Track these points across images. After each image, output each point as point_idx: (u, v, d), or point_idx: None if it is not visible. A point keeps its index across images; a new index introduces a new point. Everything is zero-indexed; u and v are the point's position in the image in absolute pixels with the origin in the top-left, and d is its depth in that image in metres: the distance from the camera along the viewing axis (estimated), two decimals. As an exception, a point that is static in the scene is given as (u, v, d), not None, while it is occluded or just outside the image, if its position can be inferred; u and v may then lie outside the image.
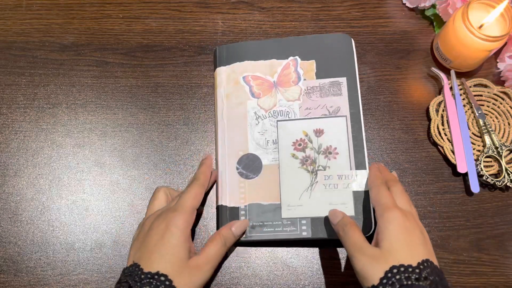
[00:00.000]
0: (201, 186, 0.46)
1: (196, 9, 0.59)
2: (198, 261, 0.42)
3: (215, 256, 0.43)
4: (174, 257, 0.40)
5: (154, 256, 0.40)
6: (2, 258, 0.49)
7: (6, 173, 0.52)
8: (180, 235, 0.41)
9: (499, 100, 0.55)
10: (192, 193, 0.45)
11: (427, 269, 0.36)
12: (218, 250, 0.44)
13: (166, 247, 0.40)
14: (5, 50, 0.56)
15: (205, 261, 0.42)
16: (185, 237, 0.42)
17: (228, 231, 0.46)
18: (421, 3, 0.57)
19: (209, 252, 0.43)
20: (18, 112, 0.54)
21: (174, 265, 0.40)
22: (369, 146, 0.53)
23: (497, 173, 0.52)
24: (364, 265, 0.38)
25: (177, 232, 0.41)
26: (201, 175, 0.47)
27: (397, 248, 0.38)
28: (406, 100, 0.56)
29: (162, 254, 0.40)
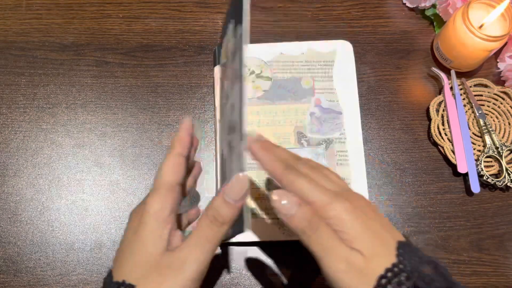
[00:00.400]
0: (177, 155, 0.35)
1: (196, 9, 0.59)
2: (172, 257, 0.32)
3: (201, 246, 0.32)
4: (142, 255, 0.32)
5: (123, 259, 0.32)
6: (2, 258, 0.49)
7: (6, 173, 0.52)
8: (153, 222, 0.32)
9: (499, 100, 0.55)
10: (166, 165, 0.35)
11: (405, 256, 0.30)
12: (205, 236, 0.32)
13: (137, 244, 0.32)
14: (5, 50, 0.56)
15: (182, 257, 0.31)
16: (160, 223, 0.32)
17: (218, 201, 0.32)
18: (421, 3, 0.57)
19: (189, 243, 0.32)
20: (17, 112, 0.54)
21: (142, 266, 0.31)
22: (369, 146, 0.53)
23: (497, 173, 0.52)
24: (350, 283, 0.30)
25: (149, 219, 0.32)
26: (176, 142, 0.36)
27: (372, 248, 0.30)
28: (406, 100, 0.56)
29: (131, 254, 0.32)
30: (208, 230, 0.32)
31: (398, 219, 0.51)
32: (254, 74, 0.54)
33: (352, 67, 0.55)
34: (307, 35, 0.58)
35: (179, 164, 0.35)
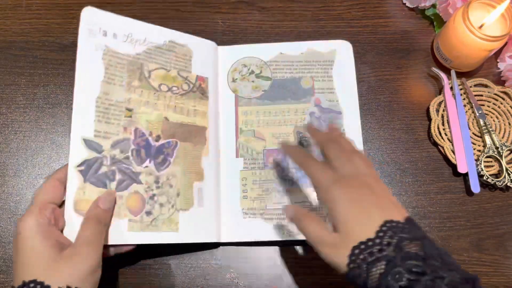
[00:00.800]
0: (53, 179, 0.42)
1: (196, 9, 0.59)
2: (73, 249, 0.38)
3: (92, 236, 0.39)
4: (37, 258, 0.37)
5: (17, 269, 0.37)
6: (2, 258, 0.49)
7: (6, 173, 0.52)
8: (34, 235, 0.37)
9: (499, 100, 0.55)
10: (42, 187, 0.41)
11: (388, 233, 0.33)
12: (93, 230, 0.40)
13: (25, 253, 0.37)
14: (5, 50, 0.56)
15: (81, 245, 0.38)
16: (43, 235, 0.38)
17: (95, 208, 0.42)
18: (421, 3, 0.57)
19: (83, 235, 0.39)
20: (17, 112, 0.54)
21: (41, 265, 0.37)
22: (369, 146, 0.53)
23: (497, 173, 0.52)
24: (329, 256, 0.35)
25: (29, 233, 0.38)
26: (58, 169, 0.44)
27: (352, 226, 0.35)
28: (406, 100, 0.56)
29: (23, 262, 0.37)
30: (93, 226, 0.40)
31: (398, 219, 0.51)
32: (253, 74, 0.54)
33: (352, 67, 0.55)
34: (307, 35, 0.58)
35: (53, 186, 0.41)
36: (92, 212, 0.42)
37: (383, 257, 0.32)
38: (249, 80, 0.54)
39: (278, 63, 0.55)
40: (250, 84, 0.54)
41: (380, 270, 0.32)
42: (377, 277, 0.32)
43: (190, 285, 0.48)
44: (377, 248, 0.33)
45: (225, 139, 0.52)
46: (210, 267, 0.49)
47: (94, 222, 0.41)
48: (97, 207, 0.42)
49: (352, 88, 0.54)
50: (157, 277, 0.48)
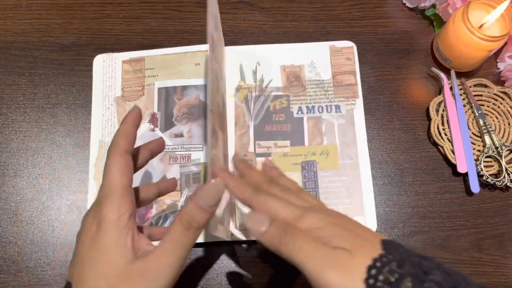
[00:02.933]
0: (122, 154, 0.32)
1: (196, 9, 0.59)
2: (145, 265, 0.30)
3: (174, 251, 0.31)
4: (108, 266, 0.30)
5: (85, 270, 0.30)
6: (2, 258, 0.49)
7: (6, 173, 0.52)
8: (113, 230, 0.30)
9: (499, 100, 0.55)
10: (113, 167, 0.32)
11: (392, 250, 0.28)
12: (176, 241, 0.31)
13: (99, 254, 0.30)
14: (5, 50, 0.56)
15: (156, 264, 0.30)
16: (121, 231, 0.30)
17: (192, 207, 0.31)
18: (421, 3, 0.57)
19: (163, 249, 0.31)
20: (18, 112, 0.54)
21: (109, 277, 0.29)
22: (369, 146, 0.53)
23: (497, 173, 0.52)
24: (334, 282, 0.27)
25: (108, 228, 0.30)
26: (120, 138, 0.33)
27: (356, 243, 0.29)
28: (406, 100, 0.56)
29: (93, 266, 0.30)
30: (181, 236, 0.31)
31: (398, 219, 0.51)
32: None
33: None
34: (307, 35, 0.58)
35: (126, 164, 0.32)
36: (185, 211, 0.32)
37: (406, 273, 0.26)
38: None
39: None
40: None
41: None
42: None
43: (190, 285, 0.48)
44: (395, 264, 0.27)
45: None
46: (211, 267, 0.49)
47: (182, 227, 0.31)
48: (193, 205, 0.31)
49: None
50: (157, 277, 0.48)
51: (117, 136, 0.33)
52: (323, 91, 0.54)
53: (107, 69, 0.54)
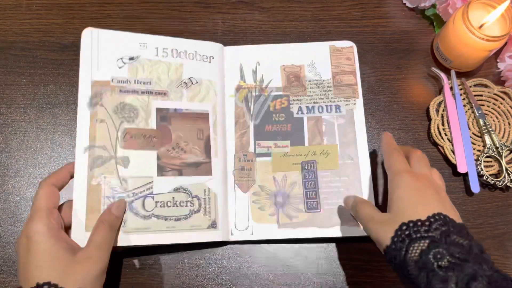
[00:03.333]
0: (49, 184, 0.42)
1: (196, 9, 0.59)
2: (86, 253, 0.40)
3: (104, 242, 0.41)
4: (52, 261, 0.38)
5: (30, 271, 0.38)
6: (2, 258, 0.49)
7: (6, 173, 0.52)
8: (48, 239, 0.39)
9: (499, 100, 0.55)
10: (42, 193, 0.42)
11: (438, 221, 0.35)
12: (105, 235, 0.41)
13: (38, 256, 0.38)
14: (5, 50, 0.56)
15: (94, 250, 0.40)
16: (55, 238, 0.39)
17: (108, 214, 0.44)
18: (421, 3, 0.57)
19: (96, 240, 0.41)
20: (18, 112, 0.54)
21: (56, 267, 0.38)
22: (369, 146, 0.53)
23: (497, 173, 0.52)
24: (376, 231, 0.38)
25: (42, 238, 0.38)
26: (52, 175, 0.44)
27: (406, 207, 0.37)
28: (406, 100, 0.56)
29: (36, 265, 0.38)
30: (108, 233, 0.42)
31: (398, 219, 0.51)
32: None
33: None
34: (307, 35, 0.58)
35: (53, 192, 0.42)
36: (105, 217, 0.43)
37: (428, 236, 0.34)
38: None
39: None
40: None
41: (422, 246, 0.33)
42: (417, 252, 0.33)
43: (190, 285, 0.48)
44: (425, 229, 0.34)
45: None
46: (211, 267, 0.49)
47: (106, 227, 0.42)
48: (110, 213, 0.44)
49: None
50: (157, 277, 0.48)
51: (53, 174, 0.44)
52: (323, 91, 0.54)
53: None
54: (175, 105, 0.51)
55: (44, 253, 0.38)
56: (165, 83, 0.51)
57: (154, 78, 0.51)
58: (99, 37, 0.50)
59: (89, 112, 0.47)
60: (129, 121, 0.48)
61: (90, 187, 0.45)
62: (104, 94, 0.48)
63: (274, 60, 0.55)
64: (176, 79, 0.52)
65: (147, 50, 0.51)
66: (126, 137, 0.48)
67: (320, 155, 0.52)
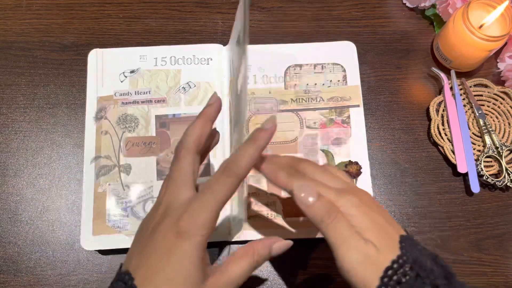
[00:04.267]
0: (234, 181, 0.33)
1: (196, 9, 0.59)
2: (217, 284, 0.32)
3: (239, 279, 0.33)
4: (185, 283, 0.30)
5: (157, 278, 0.30)
6: (2, 258, 0.49)
7: (6, 173, 0.52)
8: (195, 254, 0.31)
9: (499, 100, 0.55)
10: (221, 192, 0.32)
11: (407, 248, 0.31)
12: (245, 272, 0.33)
13: (175, 269, 0.30)
14: (5, 50, 0.56)
15: (226, 284, 0.32)
16: (201, 254, 0.31)
17: (265, 250, 0.34)
18: (421, 3, 0.57)
19: (233, 272, 0.33)
20: (18, 112, 0.54)
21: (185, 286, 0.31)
22: (369, 146, 0.53)
23: (497, 173, 0.52)
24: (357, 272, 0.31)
25: (192, 250, 0.31)
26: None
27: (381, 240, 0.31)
28: (406, 100, 0.56)
29: (169, 277, 0.30)
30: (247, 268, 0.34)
31: (398, 219, 0.51)
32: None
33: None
34: (307, 35, 0.58)
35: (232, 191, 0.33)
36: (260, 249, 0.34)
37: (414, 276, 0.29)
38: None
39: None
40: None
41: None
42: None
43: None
44: (408, 266, 0.30)
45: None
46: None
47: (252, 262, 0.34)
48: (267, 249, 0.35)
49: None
50: (157, 277, 0.48)
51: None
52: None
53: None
54: (173, 111, 0.52)
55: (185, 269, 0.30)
56: (164, 91, 0.53)
57: (153, 87, 0.53)
58: (103, 57, 0.54)
59: (95, 126, 0.51)
60: (130, 131, 0.51)
61: (96, 194, 0.49)
62: (108, 108, 0.52)
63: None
64: (175, 85, 0.53)
65: (146, 61, 0.54)
66: (127, 146, 0.51)
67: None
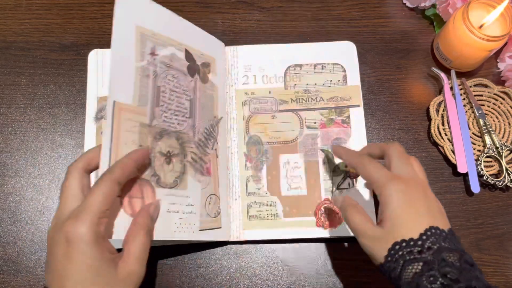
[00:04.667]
0: (114, 182, 0.35)
1: (196, 9, 0.59)
2: (127, 267, 0.35)
3: (143, 251, 0.36)
4: (93, 277, 0.33)
5: (69, 282, 0.32)
6: (2, 258, 0.49)
7: (6, 173, 0.52)
8: (93, 250, 0.33)
9: (499, 100, 0.55)
10: (101, 192, 0.34)
11: (430, 238, 0.35)
12: (144, 243, 0.36)
13: (80, 268, 0.32)
14: (5, 50, 0.56)
15: (134, 263, 0.35)
16: (101, 249, 0.33)
17: (146, 218, 0.38)
18: (421, 3, 0.57)
19: (135, 251, 0.35)
20: (18, 112, 0.54)
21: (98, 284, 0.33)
22: (369, 146, 0.53)
23: (497, 173, 0.52)
24: (369, 248, 0.37)
25: (87, 248, 0.32)
26: (117, 168, 0.36)
27: (399, 223, 0.36)
28: (406, 100, 0.56)
29: (77, 279, 0.32)
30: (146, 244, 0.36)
31: (398, 219, 0.51)
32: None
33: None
34: (307, 35, 0.58)
35: (113, 193, 0.35)
36: (143, 222, 0.37)
37: (421, 258, 0.34)
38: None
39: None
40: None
41: (416, 269, 0.33)
42: (411, 275, 0.33)
43: (190, 285, 0.48)
44: (418, 249, 0.34)
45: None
46: (210, 267, 0.49)
47: (145, 234, 0.37)
48: (148, 217, 0.38)
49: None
50: (157, 277, 0.48)
51: (116, 165, 0.37)
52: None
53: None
54: None
55: (87, 267, 0.32)
56: None
57: None
58: (104, 57, 0.54)
59: (95, 126, 0.52)
60: None
61: None
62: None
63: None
64: None
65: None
66: None
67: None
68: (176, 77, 0.47)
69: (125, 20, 0.45)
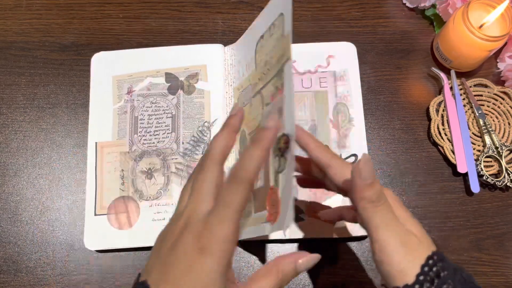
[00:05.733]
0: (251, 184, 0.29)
1: (196, 9, 0.59)
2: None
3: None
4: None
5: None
6: (2, 258, 0.49)
7: (6, 173, 0.52)
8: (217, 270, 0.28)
9: (499, 100, 0.55)
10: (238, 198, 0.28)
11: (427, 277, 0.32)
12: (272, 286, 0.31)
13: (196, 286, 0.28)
14: (5, 50, 0.56)
15: None
16: (223, 270, 0.28)
17: (290, 266, 0.32)
18: (421, 3, 0.57)
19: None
20: (18, 112, 0.54)
21: None
22: (369, 146, 0.53)
23: (497, 173, 0.52)
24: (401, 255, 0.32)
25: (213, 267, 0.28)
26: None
27: (420, 232, 0.33)
28: (406, 100, 0.56)
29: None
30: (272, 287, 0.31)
31: (398, 219, 0.51)
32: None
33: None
34: (307, 36, 0.58)
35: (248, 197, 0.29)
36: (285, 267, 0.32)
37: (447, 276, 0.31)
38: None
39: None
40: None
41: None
42: None
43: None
44: (441, 264, 0.32)
45: None
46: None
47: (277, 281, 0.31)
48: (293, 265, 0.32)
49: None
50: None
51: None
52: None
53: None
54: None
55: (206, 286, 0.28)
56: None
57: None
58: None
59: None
60: None
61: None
62: None
63: None
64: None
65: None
66: None
67: None
68: (155, 102, 0.52)
69: (102, 73, 0.54)
